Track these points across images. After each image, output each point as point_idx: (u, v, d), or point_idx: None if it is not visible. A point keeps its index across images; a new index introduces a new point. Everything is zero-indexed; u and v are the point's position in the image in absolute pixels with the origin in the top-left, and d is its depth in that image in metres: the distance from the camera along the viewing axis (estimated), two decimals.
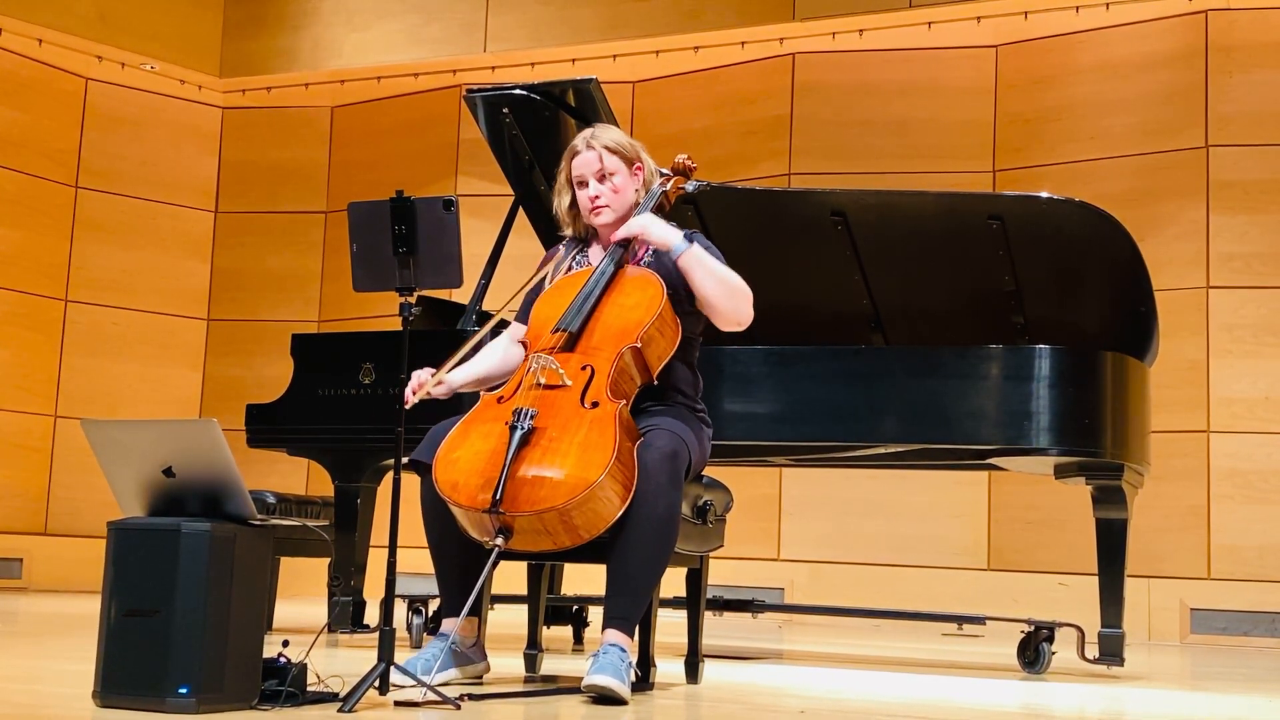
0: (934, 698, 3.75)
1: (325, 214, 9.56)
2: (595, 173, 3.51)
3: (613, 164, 3.51)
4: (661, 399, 3.43)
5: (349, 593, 4.80)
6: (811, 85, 8.43)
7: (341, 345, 5.04)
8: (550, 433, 3.15)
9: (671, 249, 3.42)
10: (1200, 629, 7.19)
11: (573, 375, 3.27)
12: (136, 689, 2.56)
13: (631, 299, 3.39)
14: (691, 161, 3.66)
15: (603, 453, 3.09)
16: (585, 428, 3.16)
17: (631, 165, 3.54)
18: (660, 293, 3.38)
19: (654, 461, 3.17)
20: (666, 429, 3.27)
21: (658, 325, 3.35)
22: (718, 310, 3.45)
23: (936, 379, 4.44)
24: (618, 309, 3.38)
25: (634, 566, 3.17)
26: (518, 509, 3.05)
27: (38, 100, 8.98)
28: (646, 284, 3.41)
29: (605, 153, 3.50)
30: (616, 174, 3.51)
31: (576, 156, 3.54)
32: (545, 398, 3.24)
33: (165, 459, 2.67)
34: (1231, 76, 7.54)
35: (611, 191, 3.51)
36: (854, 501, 7.93)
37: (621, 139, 3.56)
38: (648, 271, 3.46)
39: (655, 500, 3.15)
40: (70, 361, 9.06)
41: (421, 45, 8.96)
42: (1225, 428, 7.33)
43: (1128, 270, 4.62)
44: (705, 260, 3.43)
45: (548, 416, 3.19)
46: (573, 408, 3.22)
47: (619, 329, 3.34)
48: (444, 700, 2.83)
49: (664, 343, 3.38)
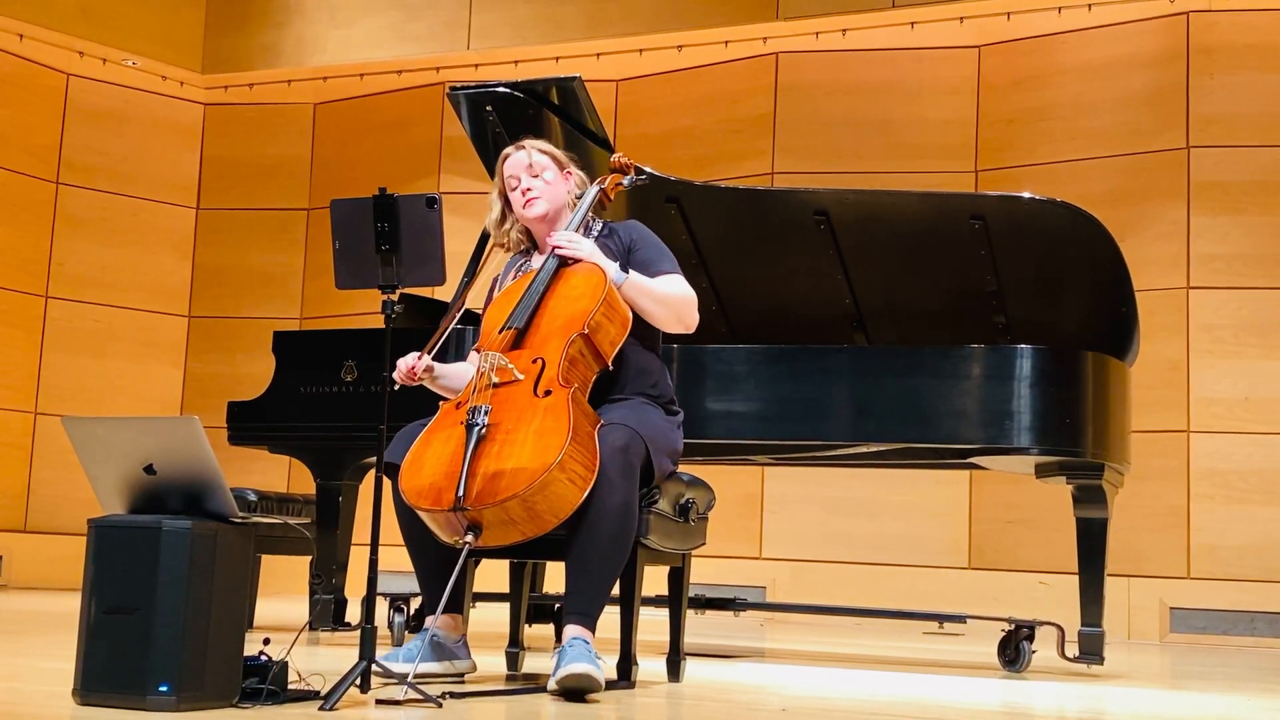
0: (915, 696, 3.75)
1: (307, 211, 9.53)
2: (526, 169, 3.65)
3: (543, 161, 3.66)
4: (622, 389, 3.48)
5: (330, 590, 4.80)
6: (795, 84, 8.44)
7: (323, 343, 5.03)
8: (506, 426, 3.21)
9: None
10: (1180, 628, 7.22)
11: (524, 369, 3.33)
12: (117, 687, 2.55)
13: (576, 290, 3.46)
14: (626, 159, 3.81)
15: (558, 436, 3.14)
16: (540, 416, 3.21)
17: (562, 169, 3.69)
18: (603, 280, 3.44)
19: (605, 455, 3.21)
20: (618, 422, 3.31)
21: (604, 311, 3.40)
22: (666, 326, 3.59)
23: (919, 378, 4.45)
24: (563, 301, 3.45)
25: (591, 561, 3.21)
26: (481, 503, 3.09)
27: (18, 96, 8.94)
28: (589, 274, 3.48)
29: (535, 152, 3.67)
30: (547, 170, 3.66)
31: (508, 159, 3.70)
32: (499, 394, 3.29)
33: (146, 456, 2.66)
34: (1213, 78, 7.57)
35: (544, 184, 3.64)
36: (836, 500, 7.95)
37: (550, 146, 3.73)
38: (589, 264, 3.52)
39: (608, 495, 3.19)
40: (50, 358, 9.02)
41: (405, 42, 8.94)
42: (1205, 428, 7.36)
43: (1109, 270, 4.63)
44: (643, 286, 3.53)
45: (502, 412, 3.24)
46: (526, 399, 3.27)
47: (565, 319, 3.40)
48: (425, 698, 2.83)
49: (613, 328, 3.43)
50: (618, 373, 3.47)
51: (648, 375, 3.54)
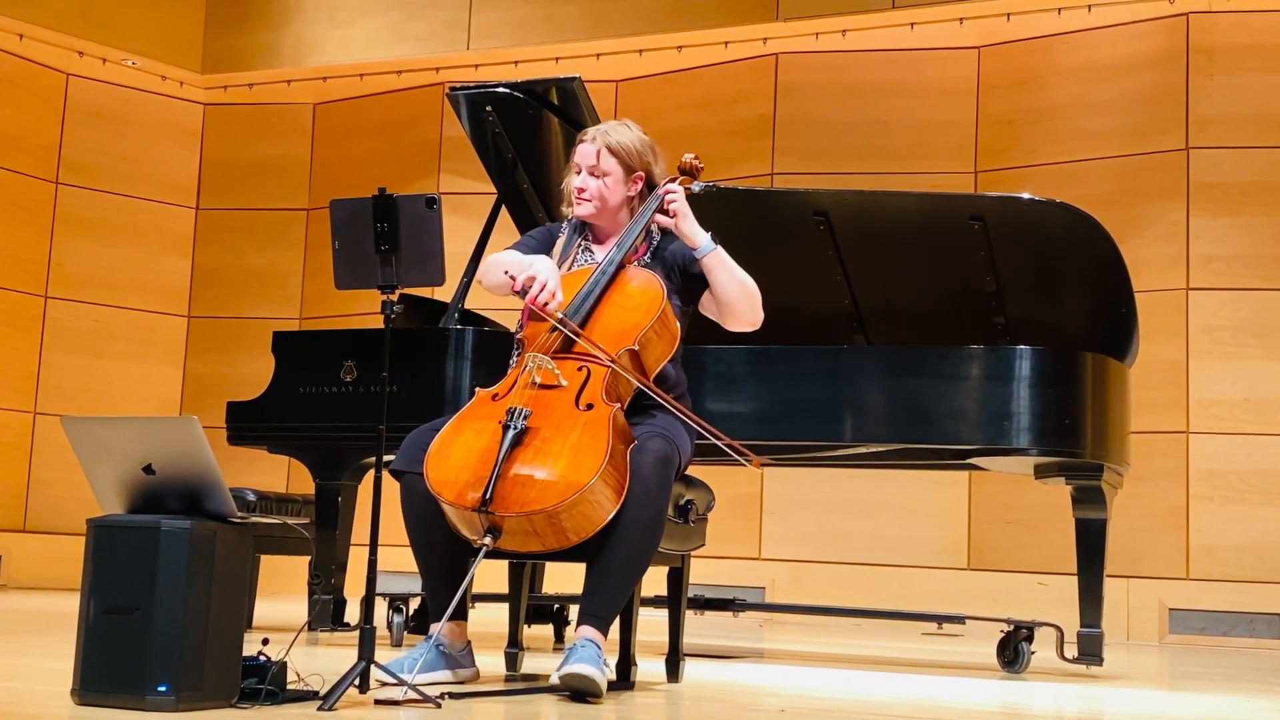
0: (914, 697, 3.75)
1: (307, 211, 9.53)
2: (589, 166, 3.55)
3: (609, 164, 3.54)
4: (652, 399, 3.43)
5: (329, 591, 4.79)
6: (794, 85, 8.44)
7: (323, 343, 5.02)
8: (543, 433, 3.15)
9: (698, 247, 3.48)
10: (1178, 629, 7.22)
11: (569, 376, 3.27)
12: (115, 687, 2.55)
13: (632, 300, 3.39)
14: (698, 161, 3.69)
15: (595, 456, 3.09)
16: (579, 430, 3.15)
17: (631, 173, 3.56)
18: (660, 295, 3.38)
19: (647, 465, 3.17)
20: (661, 433, 3.27)
21: (656, 328, 3.35)
22: (736, 313, 3.51)
23: (918, 379, 4.45)
24: (617, 310, 3.38)
25: (615, 568, 3.17)
26: (507, 509, 3.05)
27: (18, 95, 8.93)
28: (647, 286, 3.42)
29: (605, 151, 3.54)
30: (610, 175, 3.54)
31: (580, 144, 3.59)
32: (540, 398, 3.23)
33: (145, 456, 2.66)
34: (1212, 79, 7.57)
35: (600, 189, 3.54)
36: (835, 501, 7.94)
37: (630, 144, 3.56)
38: (648, 273, 3.47)
39: (643, 504, 3.15)
40: (50, 358, 9.02)
41: (404, 43, 8.94)
42: (1204, 429, 7.36)
43: (1108, 271, 4.63)
44: (729, 263, 3.48)
45: (541, 417, 3.18)
46: (567, 409, 3.21)
47: (617, 330, 3.34)
48: (424, 699, 2.82)
49: (661, 345, 3.39)
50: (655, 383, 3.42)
51: (678, 388, 3.52)
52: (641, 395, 3.39)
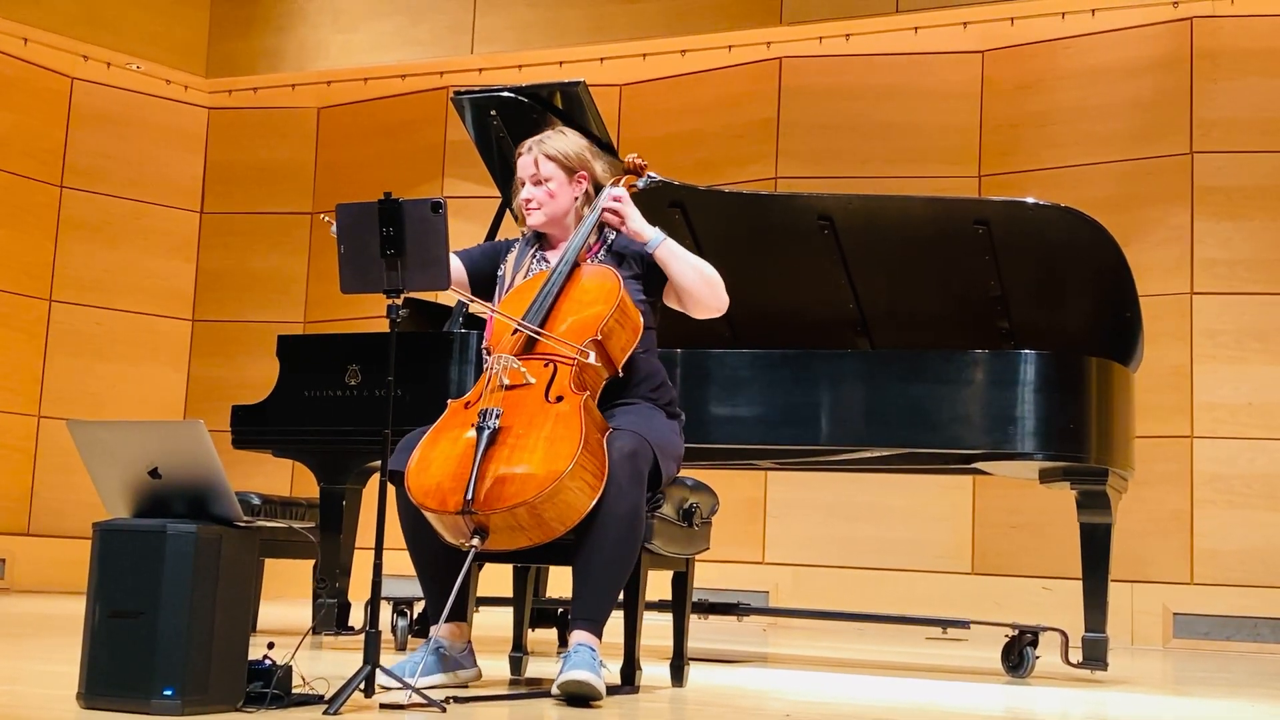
0: (918, 701, 3.75)
1: (311, 215, 9.54)
2: (530, 176, 3.62)
3: (549, 170, 3.60)
4: (625, 394, 3.47)
5: (334, 594, 4.79)
6: (798, 89, 8.44)
7: (327, 347, 5.03)
8: (517, 430, 3.19)
9: (647, 241, 3.53)
10: (1183, 634, 7.22)
11: (535, 373, 3.32)
12: (121, 690, 2.55)
13: (589, 295, 3.45)
14: (641, 159, 3.74)
15: (569, 444, 3.13)
16: (551, 422, 3.20)
17: (572, 174, 3.62)
18: (617, 286, 3.44)
19: (614, 462, 3.20)
20: (627, 428, 3.31)
21: (617, 317, 3.39)
22: (697, 299, 3.56)
23: (922, 383, 4.45)
24: (575, 305, 3.44)
25: (598, 566, 3.20)
26: (489, 507, 3.08)
27: (22, 99, 8.95)
28: (603, 278, 3.48)
29: (543, 158, 3.60)
30: (552, 180, 3.60)
31: (519, 157, 3.66)
32: (510, 397, 3.28)
33: (151, 460, 2.67)
34: (1216, 83, 7.57)
35: (546, 195, 3.60)
36: (839, 505, 7.94)
37: (567, 149, 3.62)
38: (603, 267, 3.53)
39: (617, 501, 3.18)
40: (54, 361, 9.03)
41: (408, 47, 8.95)
42: (1209, 433, 7.36)
43: (1113, 275, 4.63)
44: (679, 251, 3.55)
45: (513, 415, 3.22)
46: (538, 404, 3.26)
47: (578, 324, 3.39)
48: (429, 703, 2.83)
49: (625, 334, 3.43)
50: (625, 377, 3.46)
51: (652, 379, 3.54)
52: (610, 390, 3.43)
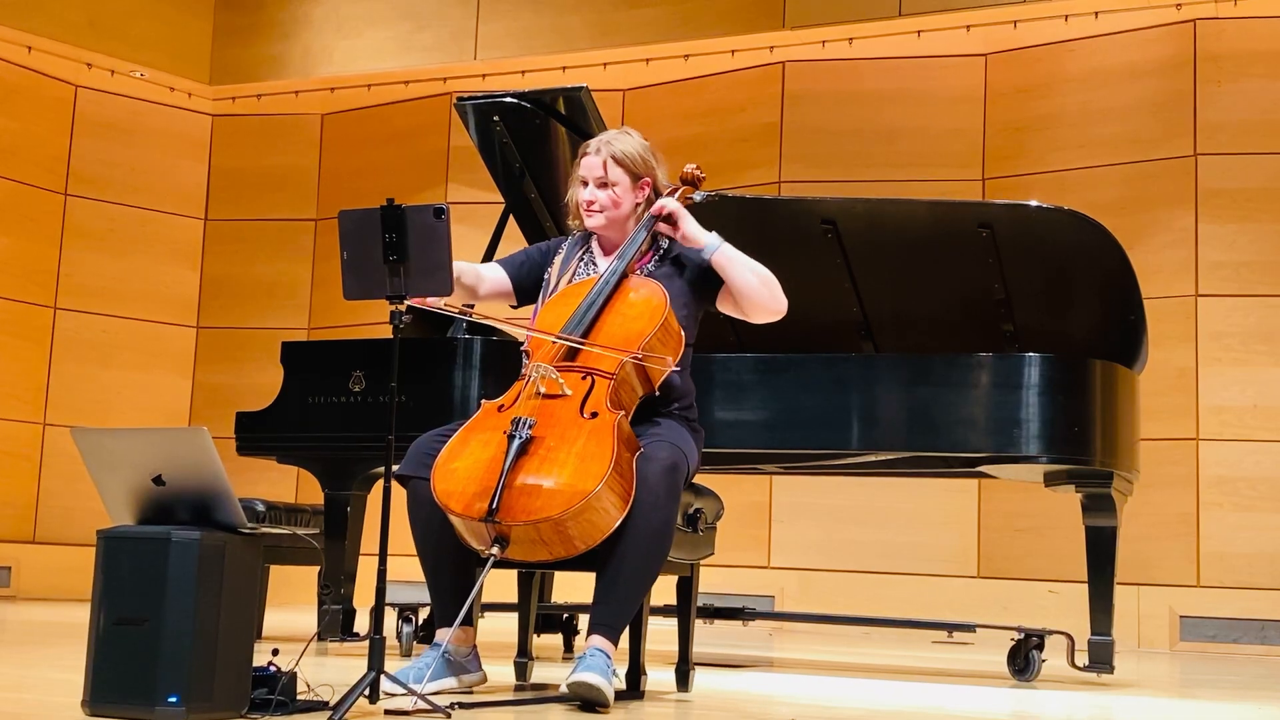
0: (924, 705, 3.75)
1: (315, 221, 9.55)
2: (597, 179, 3.55)
3: (616, 175, 3.54)
4: (659, 411, 3.43)
5: (339, 601, 4.79)
6: (801, 93, 8.44)
7: (331, 353, 5.03)
8: (548, 442, 3.16)
9: (705, 246, 3.49)
10: (1189, 636, 7.21)
11: (573, 385, 3.28)
12: (126, 698, 2.55)
13: (634, 309, 3.40)
14: (700, 171, 3.70)
15: (600, 463, 3.09)
16: (583, 438, 3.16)
17: (637, 180, 3.56)
18: (664, 303, 3.39)
19: (654, 474, 3.17)
20: (668, 440, 3.27)
21: (660, 335, 3.35)
22: (755, 302, 3.50)
23: (927, 387, 4.45)
24: (620, 318, 3.39)
25: (624, 576, 3.17)
26: (514, 518, 3.06)
27: (27, 107, 8.96)
28: (650, 294, 3.43)
29: (611, 162, 3.53)
30: (618, 185, 3.54)
31: (585, 158, 3.58)
32: (544, 407, 3.24)
33: (155, 467, 2.67)
34: (1220, 85, 7.57)
35: (610, 200, 3.54)
36: (844, 509, 7.93)
37: (634, 152, 3.56)
38: (651, 281, 3.48)
39: (651, 513, 3.15)
40: (59, 369, 9.04)
41: (412, 53, 8.96)
42: (1214, 435, 7.34)
43: (1117, 278, 4.63)
44: (738, 257, 3.50)
45: (546, 426, 3.19)
46: (571, 417, 3.22)
47: (621, 339, 3.34)
48: (434, 709, 2.82)
49: (665, 353, 3.38)
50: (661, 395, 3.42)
51: (685, 396, 3.52)
52: (646, 404, 3.39)
